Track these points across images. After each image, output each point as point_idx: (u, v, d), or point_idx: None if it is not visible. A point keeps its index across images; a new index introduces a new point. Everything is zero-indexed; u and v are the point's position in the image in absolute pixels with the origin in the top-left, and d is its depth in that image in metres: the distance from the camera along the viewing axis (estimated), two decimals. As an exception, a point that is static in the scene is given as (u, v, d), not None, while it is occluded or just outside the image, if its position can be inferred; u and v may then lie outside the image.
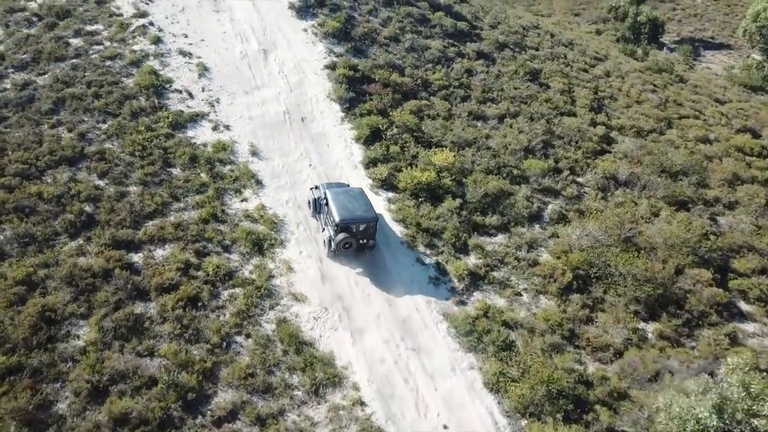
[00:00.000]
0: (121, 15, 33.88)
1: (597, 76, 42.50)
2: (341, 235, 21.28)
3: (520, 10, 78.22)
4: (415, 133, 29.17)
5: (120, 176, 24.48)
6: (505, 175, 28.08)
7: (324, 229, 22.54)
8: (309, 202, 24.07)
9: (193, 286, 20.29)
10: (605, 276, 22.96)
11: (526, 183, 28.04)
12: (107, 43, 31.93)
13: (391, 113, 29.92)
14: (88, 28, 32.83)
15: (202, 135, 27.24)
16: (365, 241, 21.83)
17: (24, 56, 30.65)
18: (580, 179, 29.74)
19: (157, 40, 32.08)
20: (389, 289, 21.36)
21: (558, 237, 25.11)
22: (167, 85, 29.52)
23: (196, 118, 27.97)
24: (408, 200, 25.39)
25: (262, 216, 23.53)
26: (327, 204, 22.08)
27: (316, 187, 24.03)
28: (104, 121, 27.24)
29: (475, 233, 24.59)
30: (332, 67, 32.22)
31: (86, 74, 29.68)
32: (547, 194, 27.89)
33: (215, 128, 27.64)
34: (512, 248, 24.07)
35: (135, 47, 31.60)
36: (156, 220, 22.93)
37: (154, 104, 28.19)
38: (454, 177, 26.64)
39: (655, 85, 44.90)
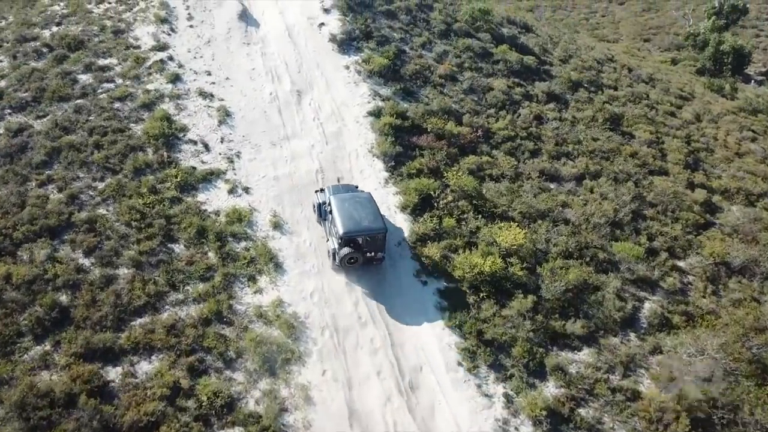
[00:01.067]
0: (138, 47, 29.63)
1: (687, 121, 36.11)
2: (346, 250, 19.12)
3: (584, 35, 72.10)
4: (474, 201, 23.65)
5: (109, 254, 19.82)
6: (588, 259, 22.22)
7: (328, 239, 20.44)
8: (314, 206, 21.78)
9: (179, 424, 15.22)
10: (735, 423, 16.81)
11: (615, 270, 22.13)
12: (119, 81, 27.64)
13: (445, 173, 24.50)
14: (100, 62, 28.66)
15: (216, 200, 22.40)
16: (373, 253, 19.60)
17: (25, 94, 26.63)
18: (681, 263, 23.60)
19: (175, 78, 27.61)
20: (441, 438, 15.81)
21: (662, 352, 19.10)
22: (181, 134, 24.90)
23: (210, 178, 23.19)
24: (466, 295, 19.83)
25: (278, 316, 18.41)
26: (331, 212, 19.88)
27: (321, 190, 21.71)
28: (102, 179, 22.77)
29: (554, 346, 18.82)
30: (377, 113, 27.04)
31: (90, 118, 25.38)
32: (641, 286, 21.91)
33: (232, 191, 22.77)
34: (603, 370, 18.21)
35: (149, 86, 27.18)
36: (145, 317, 18.13)
37: (162, 158, 23.55)
38: (525, 264, 20.95)
39: (754, 131, 38.22)
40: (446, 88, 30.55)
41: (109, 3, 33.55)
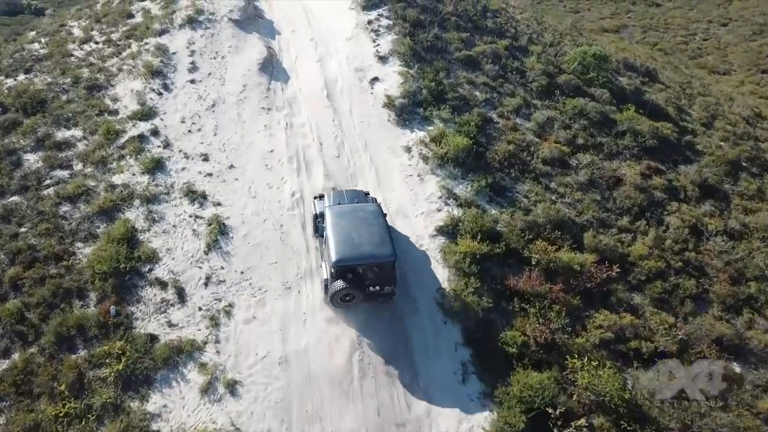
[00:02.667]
0: (115, 112, 21.02)
1: None
2: (339, 284, 14.31)
3: (684, 60, 60.39)
4: (622, 420, 13.57)
5: None
6: None
7: (322, 264, 15.53)
8: (312, 218, 16.98)
9: None
10: None
11: None
12: (77, 167, 19.06)
13: (567, 354, 14.56)
14: (60, 134, 20.20)
15: (178, 408, 13.26)
16: (377, 288, 14.62)
17: (-56, 186, 18.30)
18: None
19: (156, 166, 18.78)
20: None
21: None
22: (145, 268, 15.92)
23: (176, 360, 14.07)
24: None
25: None
26: (324, 230, 15.20)
27: (321, 197, 17.01)
28: (5, 353, 13.99)
29: None
30: (451, 230, 17.45)
31: (19, 232, 16.90)
32: None
33: (207, 389, 13.58)
34: None
35: (116, 178, 18.45)
36: None
37: (106, 315, 14.65)
38: None
39: None
40: (553, 179, 20.59)
41: (96, 43, 25.26)
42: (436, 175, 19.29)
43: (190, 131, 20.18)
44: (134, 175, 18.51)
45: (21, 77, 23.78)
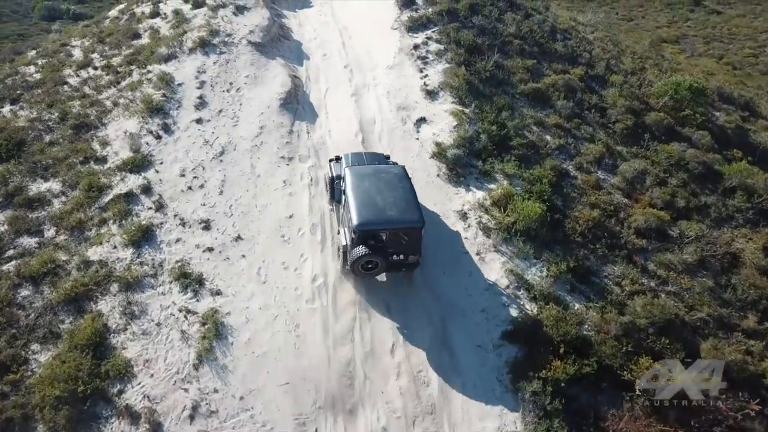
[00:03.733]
0: (103, 160, 17.20)
1: None
2: (360, 250, 12.89)
3: (758, 79, 54.36)
4: None
5: None
6: None
7: (339, 231, 14.12)
8: (325, 182, 15.63)
9: None
10: None
11: None
12: (48, 232, 15.26)
13: None
14: (35, 187, 16.47)
15: None
16: (401, 257, 13.18)
17: None
18: None
19: (144, 236, 14.81)
20: None
21: None
22: (114, 390, 11.92)
23: None
24: None
25: None
26: (344, 192, 13.57)
27: (338, 159, 15.39)
28: None
29: None
30: (523, 337, 12.87)
31: (-37, 326, 12.92)
32: None
33: None
34: None
35: (93, 251, 14.55)
36: None
37: (53, 466, 10.54)
38: None
39: None
40: (651, 257, 15.85)
41: (95, 68, 21.61)
42: (500, 253, 14.82)
43: (190, 188, 16.14)
44: (115, 248, 14.55)
45: (6, 109, 20.28)
